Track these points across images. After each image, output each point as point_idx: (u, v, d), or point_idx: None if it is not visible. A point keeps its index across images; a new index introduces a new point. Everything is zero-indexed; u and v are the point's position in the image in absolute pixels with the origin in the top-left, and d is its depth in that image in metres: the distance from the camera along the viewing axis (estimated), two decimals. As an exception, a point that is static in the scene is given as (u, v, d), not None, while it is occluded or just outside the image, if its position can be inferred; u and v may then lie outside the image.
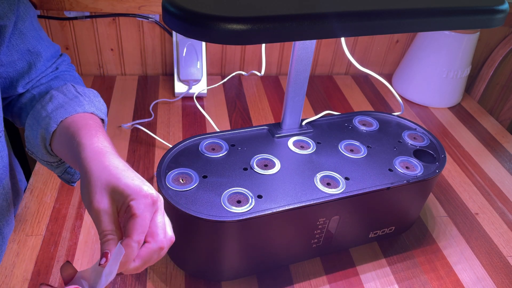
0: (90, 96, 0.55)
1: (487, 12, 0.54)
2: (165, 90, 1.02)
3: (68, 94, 0.54)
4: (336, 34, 0.48)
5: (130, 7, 0.96)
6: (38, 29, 0.57)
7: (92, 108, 0.53)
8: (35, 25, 0.56)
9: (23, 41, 0.54)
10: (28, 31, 0.54)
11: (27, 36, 0.54)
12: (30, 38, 0.54)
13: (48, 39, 0.59)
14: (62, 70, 0.60)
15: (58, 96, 0.53)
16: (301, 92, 0.64)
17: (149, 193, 0.41)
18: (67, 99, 0.53)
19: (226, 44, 0.44)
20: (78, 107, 0.52)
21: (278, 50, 1.10)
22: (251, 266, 0.60)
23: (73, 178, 0.59)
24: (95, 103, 0.55)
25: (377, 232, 0.67)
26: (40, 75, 0.57)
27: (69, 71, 0.62)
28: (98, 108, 0.54)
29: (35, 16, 0.57)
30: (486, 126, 1.03)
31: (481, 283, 0.64)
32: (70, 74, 0.61)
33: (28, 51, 0.54)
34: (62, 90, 0.54)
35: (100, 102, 0.56)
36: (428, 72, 1.05)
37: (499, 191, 0.83)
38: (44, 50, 0.57)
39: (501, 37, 1.23)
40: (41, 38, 0.56)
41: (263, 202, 0.55)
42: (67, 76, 0.60)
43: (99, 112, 0.54)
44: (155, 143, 0.85)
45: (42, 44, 0.56)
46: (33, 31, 0.55)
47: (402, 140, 0.70)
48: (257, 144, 0.65)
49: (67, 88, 0.54)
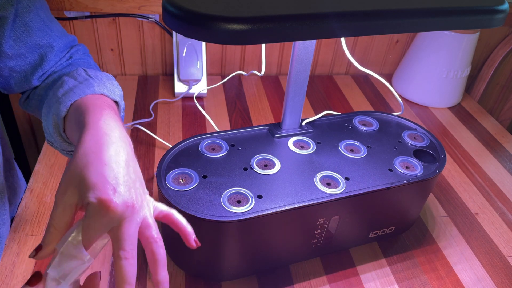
0: (102, 79, 0.53)
1: (487, 12, 0.54)
2: (165, 90, 1.02)
3: (79, 78, 0.52)
4: (336, 34, 0.48)
5: (130, 7, 0.96)
6: (48, 20, 0.56)
7: (103, 89, 0.51)
8: (43, 17, 0.55)
9: (30, 34, 0.53)
10: (34, 23, 0.54)
11: (33, 29, 0.53)
12: (37, 30, 0.54)
13: (61, 30, 0.58)
14: (76, 58, 0.60)
15: (69, 80, 0.52)
16: (301, 92, 0.64)
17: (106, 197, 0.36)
18: (77, 83, 0.51)
19: (226, 44, 0.44)
20: (87, 89, 0.50)
21: (278, 50, 1.10)
22: (251, 266, 0.60)
23: None
24: (108, 85, 0.52)
25: (377, 232, 0.67)
26: (54, 66, 0.57)
27: (84, 58, 0.61)
28: (110, 90, 0.52)
29: (44, 8, 0.56)
30: (486, 126, 1.03)
31: (481, 283, 0.64)
32: (85, 61, 0.60)
33: (37, 44, 0.54)
34: (72, 75, 0.53)
35: (114, 85, 0.54)
36: (428, 72, 1.05)
37: (499, 191, 0.83)
38: (55, 41, 0.56)
39: (501, 37, 1.23)
40: (51, 30, 0.56)
41: (263, 202, 0.55)
42: (80, 63, 0.59)
43: (112, 94, 0.51)
44: (155, 143, 0.85)
45: (52, 35, 0.56)
46: (40, 23, 0.55)
47: (402, 140, 0.70)
48: (257, 144, 0.65)
49: (77, 72, 0.53)
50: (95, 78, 0.52)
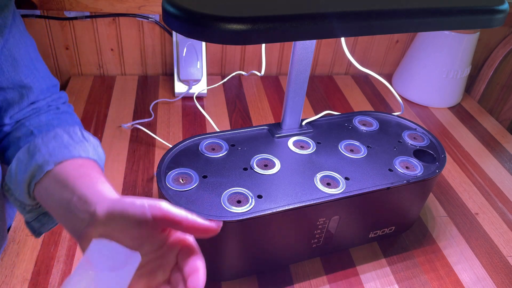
0: (94, 144, 0.53)
1: (487, 12, 0.54)
2: (165, 90, 1.02)
3: (74, 137, 0.51)
4: (336, 34, 0.48)
5: (130, 7, 0.96)
6: (35, 59, 0.55)
7: (95, 156, 0.51)
8: (32, 55, 0.54)
9: (15, 69, 0.51)
10: (22, 59, 0.52)
11: (20, 65, 0.52)
12: (23, 67, 0.52)
13: (45, 72, 0.57)
14: (65, 110, 0.58)
15: (63, 136, 0.50)
16: (301, 92, 0.64)
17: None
18: (72, 142, 0.50)
19: (226, 44, 0.44)
20: (83, 152, 0.49)
21: (278, 50, 1.10)
22: (251, 266, 0.60)
23: (41, 229, 0.54)
24: (99, 153, 0.52)
25: (377, 232, 0.67)
26: (34, 109, 0.55)
27: (72, 114, 0.59)
28: (100, 158, 0.53)
29: (33, 46, 0.55)
30: (486, 126, 1.03)
31: (481, 283, 0.64)
32: (73, 118, 0.58)
33: (19, 80, 0.52)
34: (68, 131, 0.51)
35: (102, 153, 0.54)
36: (428, 72, 1.05)
37: (499, 191, 0.83)
38: (38, 81, 0.54)
39: (501, 37, 1.23)
40: (37, 69, 0.54)
41: (263, 202, 0.55)
42: (69, 119, 0.57)
43: (101, 162, 0.52)
44: (155, 143, 0.85)
45: (36, 75, 0.54)
46: (28, 61, 0.53)
47: (402, 140, 0.70)
48: (257, 144, 0.65)
49: (73, 131, 0.52)
50: (89, 142, 0.52)
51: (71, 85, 1.00)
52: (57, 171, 0.47)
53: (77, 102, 0.95)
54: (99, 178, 0.47)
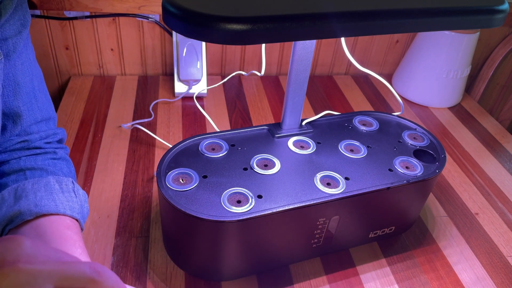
0: (82, 200, 0.52)
1: (487, 12, 0.54)
2: (165, 90, 1.02)
3: (65, 189, 0.51)
4: (336, 34, 0.48)
5: (130, 7, 0.96)
6: (38, 89, 0.54)
7: (79, 215, 0.51)
8: (35, 84, 0.53)
9: (15, 95, 0.51)
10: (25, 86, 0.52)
11: (21, 92, 0.51)
12: (24, 94, 0.52)
13: (44, 103, 0.55)
14: (62, 157, 0.57)
15: (54, 186, 0.50)
16: (301, 92, 0.64)
17: None
18: (62, 194, 0.49)
19: (226, 44, 0.44)
20: (68, 209, 0.49)
21: (278, 50, 1.10)
22: (251, 266, 0.60)
23: None
24: (83, 211, 0.52)
25: (377, 232, 0.67)
26: (25, 141, 0.53)
27: (68, 161, 0.58)
28: (83, 217, 0.52)
29: (40, 76, 0.55)
30: (486, 126, 1.03)
31: (481, 283, 0.64)
32: (69, 166, 0.57)
33: (17, 107, 0.51)
34: (60, 181, 0.51)
35: (87, 209, 0.54)
36: (428, 72, 1.05)
37: (499, 191, 0.83)
38: (33, 111, 0.53)
39: (501, 37, 1.23)
40: (35, 99, 0.54)
41: (263, 202, 0.55)
42: (64, 167, 0.56)
43: (83, 221, 0.52)
44: (155, 143, 0.85)
45: (33, 104, 0.53)
46: (30, 89, 0.52)
47: (402, 140, 0.70)
48: (257, 144, 0.65)
49: (65, 183, 0.52)
50: (78, 197, 0.52)
51: (71, 85, 1.00)
52: (39, 223, 0.46)
53: (77, 102, 0.95)
54: (79, 246, 0.46)
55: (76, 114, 0.91)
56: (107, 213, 0.69)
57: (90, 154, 0.80)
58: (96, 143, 0.83)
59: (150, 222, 0.68)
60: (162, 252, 0.64)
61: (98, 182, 0.75)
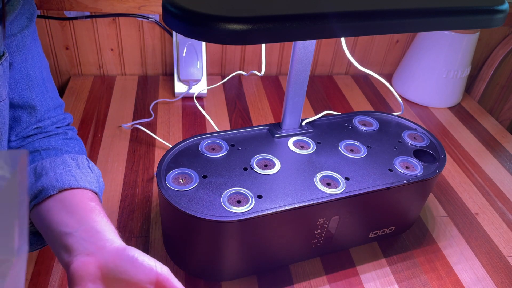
0: (97, 175, 0.54)
1: (487, 12, 0.54)
2: (165, 90, 1.02)
3: (81, 166, 0.53)
4: (336, 34, 0.48)
5: (130, 7, 0.96)
6: (47, 80, 0.56)
7: (97, 189, 0.52)
8: (44, 75, 0.55)
9: (29, 88, 0.53)
10: (36, 79, 0.53)
11: (33, 84, 0.53)
12: (36, 86, 0.53)
13: (53, 92, 0.58)
14: (73, 137, 0.59)
15: (71, 163, 0.52)
16: (301, 92, 0.64)
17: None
18: (79, 171, 0.51)
19: (226, 44, 0.44)
20: (88, 183, 0.51)
21: (278, 50, 1.10)
22: (251, 266, 0.60)
23: (29, 248, 0.55)
24: (100, 185, 0.54)
25: (377, 232, 0.67)
26: (39, 127, 0.55)
27: (79, 141, 0.60)
28: (101, 190, 0.54)
29: (47, 66, 0.57)
30: (486, 126, 1.03)
31: (481, 283, 0.64)
32: (80, 145, 0.59)
33: (31, 99, 0.53)
34: (75, 159, 0.53)
35: (103, 184, 0.56)
36: (428, 72, 1.05)
37: (499, 191, 0.83)
38: (46, 101, 0.55)
39: (501, 37, 1.23)
40: (46, 89, 0.56)
41: (263, 202, 0.55)
42: (76, 146, 0.58)
43: (101, 194, 0.54)
44: (155, 143, 0.85)
45: (45, 95, 0.55)
46: (41, 80, 0.54)
47: (402, 140, 0.70)
48: (257, 144, 0.65)
49: (81, 160, 0.54)
50: (94, 173, 0.53)
51: (71, 85, 1.00)
52: (62, 197, 0.48)
53: (77, 102, 0.95)
54: (104, 216, 0.48)
55: (76, 114, 0.91)
56: (107, 213, 0.69)
57: (90, 154, 0.80)
58: (96, 143, 0.83)
59: (150, 222, 0.68)
60: (162, 252, 0.64)
61: (98, 182, 0.75)
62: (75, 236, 0.43)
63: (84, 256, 0.41)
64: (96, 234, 0.44)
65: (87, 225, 0.45)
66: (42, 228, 0.47)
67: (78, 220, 0.45)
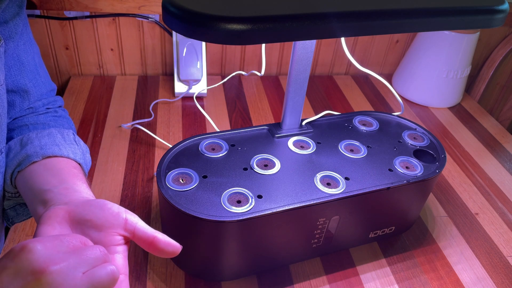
0: (83, 150, 0.56)
1: (487, 12, 0.54)
2: (165, 90, 1.02)
3: (67, 139, 0.54)
4: (336, 34, 0.48)
5: (130, 7, 0.96)
6: (39, 65, 0.57)
7: (82, 160, 0.53)
8: (36, 61, 0.57)
9: (21, 73, 0.54)
10: (28, 64, 0.55)
11: (26, 70, 0.54)
12: (28, 71, 0.55)
13: (46, 77, 0.59)
14: (62, 115, 0.61)
15: (57, 135, 0.53)
16: (301, 92, 0.64)
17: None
18: (64, 142, 0.53)
19: (226, 44, 0.44)
20: (72, 154, 0.52)
21: (278, 50, 1.10)
22: (251, 266, 0.60)
23: (15, 218, 0.57)
24: (86, 158, 0.55)
25: (377, 232, 0.67)
26: (30, 108, 0.57)
27: (68, 119, 0.62)
28: (86, 164, 0.55)
29: (38, 51, 0.58)
30: (486, 126, 1.03)
31: (481, 283, 0.64)
32: (69, 122, 0.61)
33: (24, 84, 0.54)
34: (61, 132, 0.55)
35: (89, 160, 0.57)
36: (428, 72, 1.05)
37: (499, 191, 0.83)
38: (38, 86, 0.57)
39: (501, 37, 1.23)
40: (39, 75, 0.57)
41: (263, 202, 0.55)
42: (65, 123, 0.60)
43: (85, 167, 0.55)
44: (155, 143, 0.85)
45: (38, 80, 0.57)
46: (33, 66, 0.56)
47: (402, 140, 0.70)
48: (257, 144, 0.65)
49: (67, 133, 0.55)
50: (80, 146, 0.55)
51: (71, 85, 1.00)
52: (46, 162, 0.49)
53: (77, 102, 0.95)
54: (85, 182, 0.49)
55: (76, 114, 0.91)
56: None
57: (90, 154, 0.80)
58: (96, 143, 0.83)
59: (150, 222, 0.68)
60: (162, 252, 0.64)
61: (98, 182, 0.75)
62: (54, 192, 0.44)
63: (57, 205, 0.41)
64: (74, 192, 0.45)
65: (66, 184, 0.46)
66: (25, 191, 0.48)
67: (59, 180, 0.46)
